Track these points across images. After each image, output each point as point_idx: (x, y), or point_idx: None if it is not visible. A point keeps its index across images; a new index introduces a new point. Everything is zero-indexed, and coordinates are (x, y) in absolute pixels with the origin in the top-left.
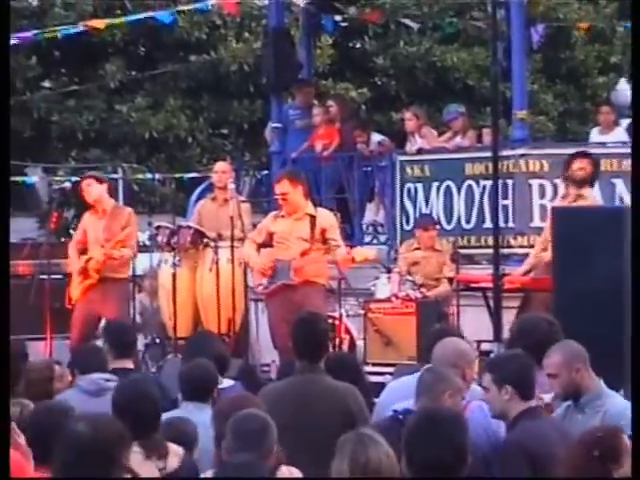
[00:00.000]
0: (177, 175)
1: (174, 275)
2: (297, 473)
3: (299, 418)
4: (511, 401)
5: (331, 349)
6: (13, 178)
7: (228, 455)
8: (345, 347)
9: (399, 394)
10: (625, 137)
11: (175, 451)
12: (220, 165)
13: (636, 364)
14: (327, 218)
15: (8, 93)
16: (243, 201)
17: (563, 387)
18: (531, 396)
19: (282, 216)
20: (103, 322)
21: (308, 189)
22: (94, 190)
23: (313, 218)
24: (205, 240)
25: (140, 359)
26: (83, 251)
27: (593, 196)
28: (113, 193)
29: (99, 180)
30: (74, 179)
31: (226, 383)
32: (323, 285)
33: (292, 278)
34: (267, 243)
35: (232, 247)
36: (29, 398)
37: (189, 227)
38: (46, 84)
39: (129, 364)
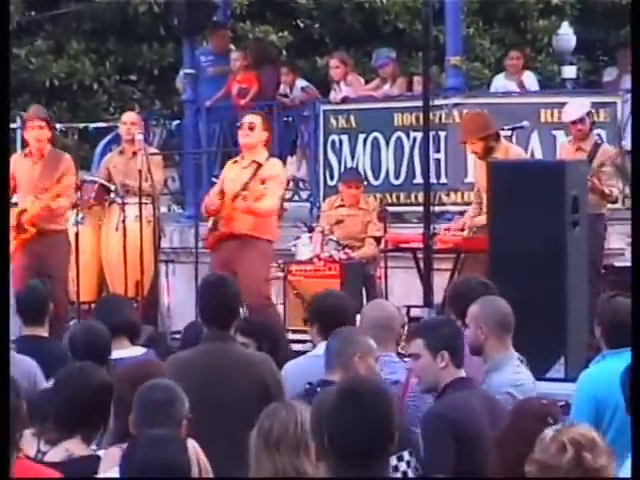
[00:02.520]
0: (81, 125)
1: (77, 234)
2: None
3: (209, 389)
4: (446, 369)
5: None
6: None
7: (135, 428)
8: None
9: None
10: (533, 82)
11: None
12: (128, 116)
13: (636, 361)
14: (272, 168)
15: (7, 91)
16: (153, 154)
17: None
18: (462, 364)
19: (236, 161)
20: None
21: (269, 140)
22: (38, 132)
23: (259, 166)
24: (111, 196)
25: None
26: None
27: (504, 147)
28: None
29: (49, 125)
30: None
31: (137, 351)
32: (267, 241)
33: (221, 229)
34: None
35: (140, 204)
36: None
37: (93, 181)
38: None
39: (42, 332)
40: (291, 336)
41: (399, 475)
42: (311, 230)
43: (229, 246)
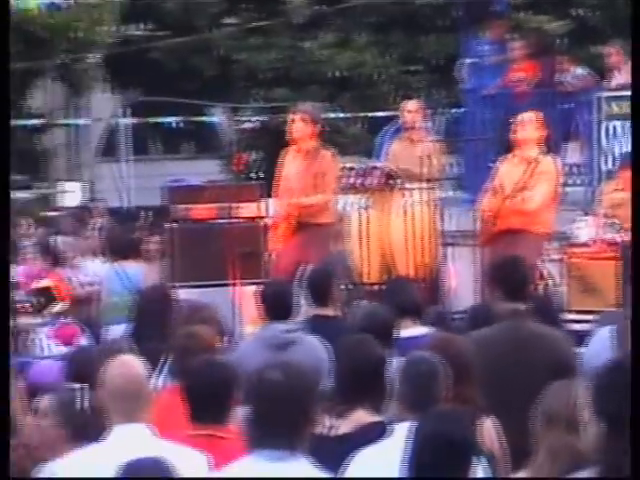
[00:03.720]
0: (367, 114)
1: (364, 218)
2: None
3: (506, 364)
4: None
5: None
6: (195, 119)
7: (399, 398)
8: (545, 293)
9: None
10: None
11: None
12: (409, 104)
13: (636, 361)
14: (545, 165)
15: (8, 91)
16: (435, 140)
17: None
18: None
19: (508, 157)
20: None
21: (542, 137)
22: (297, 128)
23: (532, 163)
24: (396, 182)
25: None
26: (287, 191)
27: None
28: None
29: (304, 118)
30: (260, 119)
31: (422, 331)
32: (539, 235)
33: (495, 224)
34: None
35: (423, 189)
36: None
37: (378, 168)
38: (229, 20)
39: (329, 311)
40: (572, 316)
41: None
42: (587, 213)
43: (502, 241)
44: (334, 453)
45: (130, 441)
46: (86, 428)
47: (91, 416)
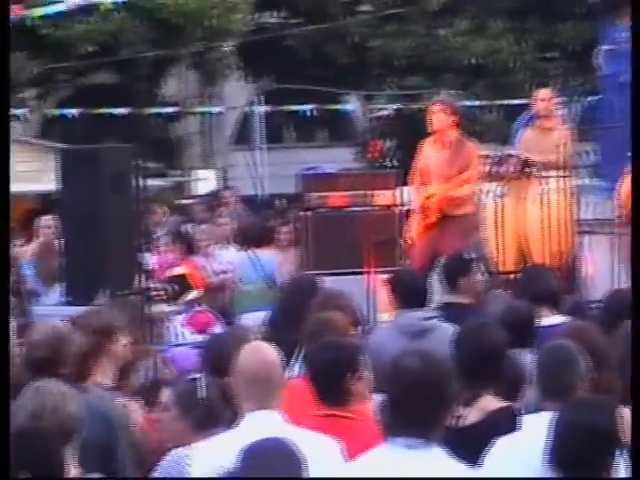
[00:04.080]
0: (502, 102)
1: (500, 206)
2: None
3: None
4: None
5: None
6: (329, 107)
7: (537, 386)
8: None
9: None
10: None
11: None
12: (542, 92)
13: (636, 362)
14: None
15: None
16: (567, 129)
17: None
18: None
19: None
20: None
21: None
22: (438, 119)
23: None
24: (532, 170)
25: None
26: (424, 182)
27: None
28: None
29: (445, 110)
30: (395, 107)
31: (558, 319)
32: None
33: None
34: None
35: (559, 177)
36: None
37: (514, 156)
38: (363, 8)
39: (464, 299)
40: None
41: None
42: None
43: None
44: (465, 443)
45: (262, 428)
46: (216, 416)
47: (221, 404)
